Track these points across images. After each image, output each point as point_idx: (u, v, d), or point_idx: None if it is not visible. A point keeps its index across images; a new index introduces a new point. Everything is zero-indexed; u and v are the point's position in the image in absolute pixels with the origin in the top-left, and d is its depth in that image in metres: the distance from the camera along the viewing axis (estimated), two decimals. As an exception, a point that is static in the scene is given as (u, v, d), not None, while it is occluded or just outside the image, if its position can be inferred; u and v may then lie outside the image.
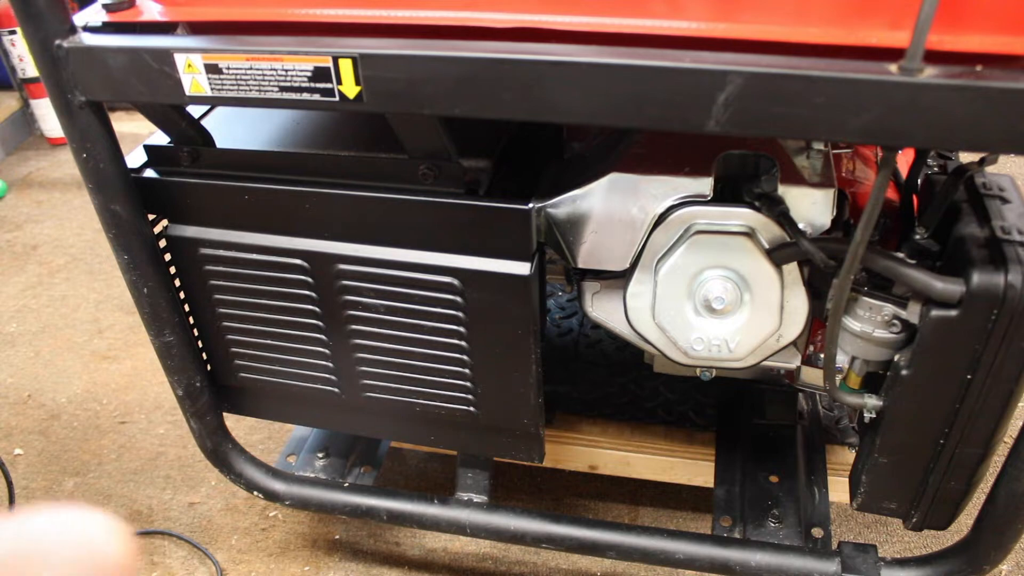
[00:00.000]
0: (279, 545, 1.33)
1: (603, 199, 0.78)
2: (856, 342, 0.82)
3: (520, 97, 0.64)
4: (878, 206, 0.63)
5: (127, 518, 1.39)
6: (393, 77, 0.66)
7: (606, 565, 1.27)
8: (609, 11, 0.65)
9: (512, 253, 0.80)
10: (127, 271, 0.85)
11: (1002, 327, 0.70)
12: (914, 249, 0.77)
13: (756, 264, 0.77)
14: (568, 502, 1.38)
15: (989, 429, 0.78)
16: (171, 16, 0.75)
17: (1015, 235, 0.71)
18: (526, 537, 1.03)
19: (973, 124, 0.56)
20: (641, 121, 0.63)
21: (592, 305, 0.89)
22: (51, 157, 2.59)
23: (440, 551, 1.31)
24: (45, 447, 1.53)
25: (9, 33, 2.47)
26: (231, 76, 0.70)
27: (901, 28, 0.59)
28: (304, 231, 0.84)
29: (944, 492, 0.84)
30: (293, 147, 0.84)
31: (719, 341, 0.82)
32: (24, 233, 2.20)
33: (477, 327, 0.86)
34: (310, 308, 0.89)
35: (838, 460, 1.14)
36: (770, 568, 0.95)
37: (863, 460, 0.87)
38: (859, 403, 0.82)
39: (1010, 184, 0.80)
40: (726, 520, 1.04)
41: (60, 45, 0.71)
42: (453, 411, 0.94)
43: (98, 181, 0.79)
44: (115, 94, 0.73)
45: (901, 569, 0.92)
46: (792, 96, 0.58)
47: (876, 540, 1.30)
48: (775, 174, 0.76)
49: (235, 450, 1.08)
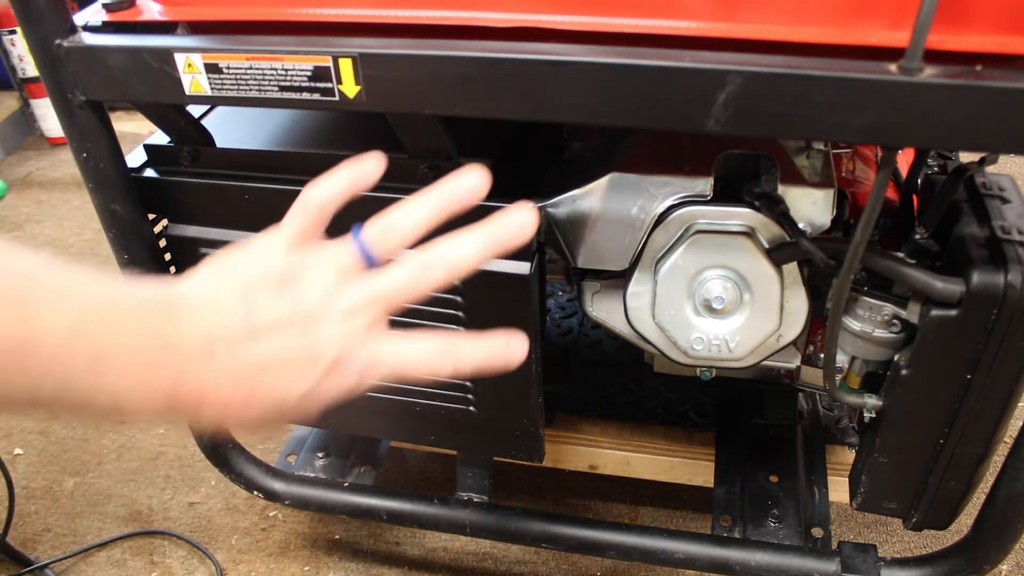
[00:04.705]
0: (279, 545, 1.33)
1: (603, 199, 0.78)
2: (856, 342, 0.82)
3: (520, 97, 0.64)
4: (878, 206, 0.63)
5: (127, 518, 1.39)
6: (393, 77, 0.66)
7: (606, 565, 1.27)
8: (609, 10, 0.65)
9: (512, 253, 0.80)
10: (127, 271, 0.85)
11: (1002, 327, 0.70)
12: (914, 249, 0.77)
13: (756, 264, 0.77)
14: (568, 502, 1.38)
15: (989, 429, 0.78)
16: (171, 16, 0.75)
17: (1015, 235, 0.71)
18: (526, 537, 1.03)
19: (973, 124, 0.56)
20: (641, 121, 0.63)
21: (592, 305, 0.89)
22: (51, 157, 2.59)
23: (440, 551, 1.31)
24: (45, 447, 1.53)
25: (9, 33, 2.47)
26: (231, 76, 0.70)
27: (901, 28, 0.59)
28: (304, 231, 0.84)
29: (944, 492, 0.84)
30: (293, 147, 0.84)
31: (719, 341, 0.82)
32: (24, 233, 2.20)
33: (477, 327, 0.85)
34: (310, 308, 0.89)
35: (838, 460, 1.13)
36: (770, 568, 0.95)
37: (863, 460, 0.87)
38: (859, 403, 0.82)
39: (1010, 184, 0.80)
40: (726, 520, 1.04)
41: (60, 44, 0.71)
42: (453, 411, 0.94)
43: (98, 181, 0.79)
44: (115, 94, 0.73)
45: (901, 569, 0.92)
46: (792, 96, 0.58)
47: (876, 540, 1.30)
48: (775, 174, 0.76)
49: (235, 450, 1.08)
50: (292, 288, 0.48)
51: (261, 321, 0.47)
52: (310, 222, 0.51)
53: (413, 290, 0.50)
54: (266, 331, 0.47)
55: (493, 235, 0.51)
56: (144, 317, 0.45)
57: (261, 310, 0.47)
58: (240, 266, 0.49)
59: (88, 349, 0.42)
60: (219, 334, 0.46)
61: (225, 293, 0.47)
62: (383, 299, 0.49)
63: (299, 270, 0.49)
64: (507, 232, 0.52)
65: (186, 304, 0.47)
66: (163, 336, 0.45)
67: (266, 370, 0.47)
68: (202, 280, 0.48)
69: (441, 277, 0.51)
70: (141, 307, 0.45)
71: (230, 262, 0.49)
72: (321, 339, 0.48)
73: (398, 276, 0.50)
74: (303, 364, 0.47)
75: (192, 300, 0.47)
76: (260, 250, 0.49)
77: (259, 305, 0.47)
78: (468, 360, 0.51)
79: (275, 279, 0.48)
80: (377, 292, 0.49)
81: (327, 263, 0.50)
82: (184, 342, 0.45)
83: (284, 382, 0.47)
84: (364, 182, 0.54)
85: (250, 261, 0.49)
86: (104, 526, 1.37)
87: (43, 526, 1.38)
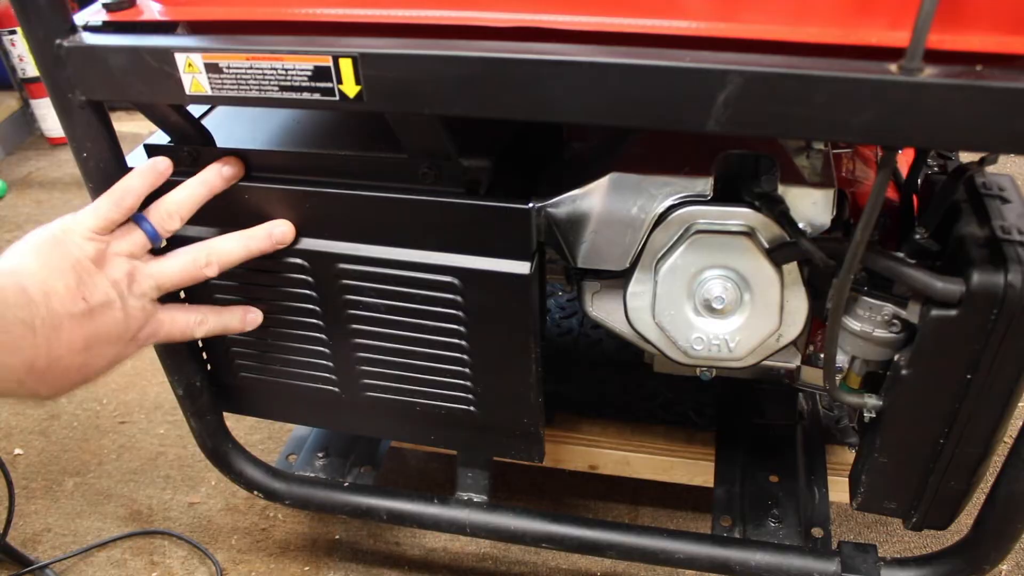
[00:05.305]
0: (279, 545, 1.33)
1: (603, 199, 0.78)
2: (856, 342, 0.82)
3: (520, 97, 0.64)
4: (878, 206, 0.63)
5: (127, 518, 1.39)
6: (393, 77, 0.66)
7: (606, 565, 1.27)
8: (609, 10, 0.65)
9: (512, 253, 0.80)
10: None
11: (1002, 327, 0.70)
12: (914, 249, 0.77)
13: (756, 264, 0.77)
14: (568, 502, 1.38)
15: (989, 429, 0.78)
16: (171, 16, 0.75)
17: (1015, 235, 0.71)
18: (526, 537, 1.03)
19: (973, 124, 0.56)
20: (641, 121, 0.63)
21: (592, 305, 0.89)
22: (51, 157, 2.59)
23: (440, 551, 1.31)
24: (45, 447, 1.53)
25: (9, 33, 2.47)
26: (231, 75, 0.70)
27: (901, 27, 0.59)
28: (304, 230, 0.84)
29: (944, 492, 0.84)
30: (293, 147, 0.84)
31: (719, 341, 0.82)
32: (24, 233, 2.19)
33: (477, 327, 0.86)
34: (310, 307, 0.89)
35: (838, 460, 1.13)
36: (770, 568, 0.95)
37: (863, 460, 0.87)
38: (859, 403, 0.82)
39: (1010, 184, 0.80)
40: (726, 520, 1.04)
41: (60, 44, 0.71)
42: (453, 411, 0.94)
43: (98, 181, 0.79)
44: (115, 94, 0.73)
45: (901, 569, 0.92)
46: (792, 96, 0.58)
47: (876, 540, 1.30)
48: (775, 174, 0.76)
49: (235, 450, 1.08)
50: (104, 270, 0.61)
51: (92, 303, 0.59)
52: (116, 211, 0.65)
53: (189, 275, 0.70)
54: (96, 311, 0.59)
55: (252, 236, 0.74)
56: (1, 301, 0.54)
57: (91, 293, 0.59)
58: (60, 248, 0.61)
59: None
60: (63, 315, 0.57)
61: (60, 275, 0.59)
62: (166, 283, 0.68)
63: (107, 254, 0.62)
64: (264, 238, 0.75)
65: (33, 290, 0.56)
66: (19, 319, 0.54)
67: (97, 343, 0.59)
68: (33, 261, 0.60)
69: (212, 269, 0.72)
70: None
71: (49, 242, 0.62)
72: (130, 315, 0.62)
73: (177, 263, 0.70)
74: (121, 336, 0.61)
75: (36, 281, 0.57)
76: (73, 233, 0.62)
77: (89, 289, 0.59)
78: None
79: (92, 262, 0.60)
80: (160, 275, 0.67)
81: (125, 246, 0.64)
82: (36, 323, 0.54)
83: (109, 352, 0.61)
84: (160, 179, 0.72)
85: (68, 244, 0.61)
86: (104, 526, 1.37)
87: (43, 526, 1.38)
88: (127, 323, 0.61)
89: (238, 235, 0.74)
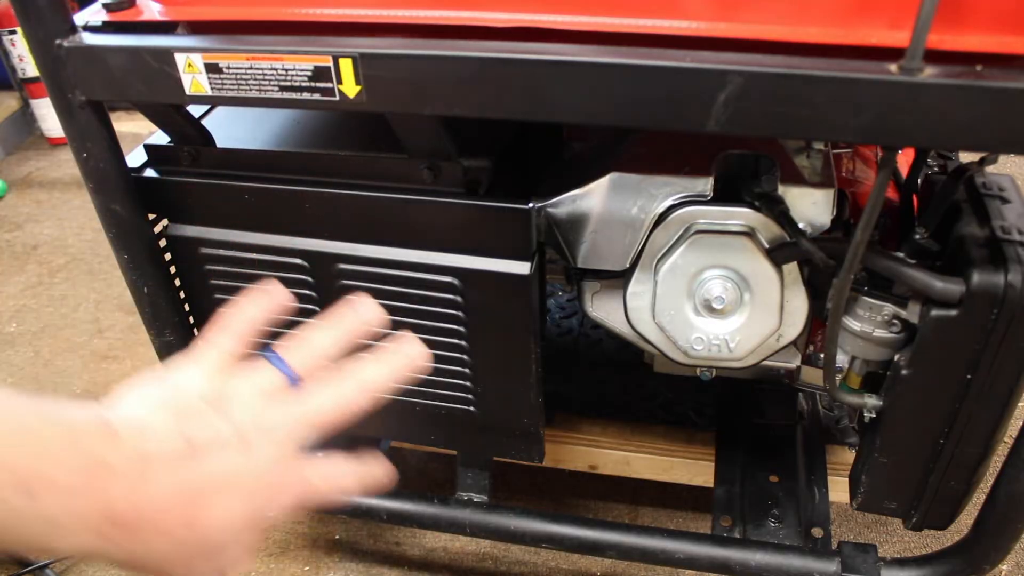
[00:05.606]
0: (279, 545, 1.33)
1: (603, 199, 0.78)
2: (856, 342, 0.82)
3: (520, 97, 0.64)
4: (878, 206, 0.63)
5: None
6: (393, 77, 0.66)
7: (606, 565, 1.27)
8: (609, 10, 0.65)
9: (512, 253, 0.80)
10: (127, 271, 0.85)
11: (1002, 327, 0.70)
12: (914, 249, 0.77)
13: (756, 264, 0.77)
14: (568, 502, 1.38)
15: (989, 429, 0.78)
16: (171, 16, 0.75)
17: (1015, 235, 0.71)
18: (526, 537, 1.03)
19: (973, 124, 0.56)
20: (641, 121, 0.63)
21: (592, 305, 0.89)
22: (51, 157, 2.59)
23: (440, 551, 1.31)
24: (45, 447, 1.53)
25: (9, 33, 2.47)
26: (231, 75, 0.70)
27: (901, 28, 0.59)
28: (304, 230, 0.84)
29: (944, 492, 0.84)
30: (293, 147, 0.84)
31: (719, 341, 0.82)
32: (24, 233, 2.20)
33: (477, 327, 0.86)
34: (310, 307, 0.89)
35: (838, 460, 1.13)
36: (770, 568, 0.95)
37: (863, 460, 0.87)
38: (859, 403, 0.82)
39: (1010, 184, 0.80)
40: (726, 520, 1.04)
41: (60, 44, 0.71)
42: (453, 411, 0.94)
43: (98, 181, 0.79)
44: (115, 94, 0.73)
45: (901, 569, 0.92)
46: (792, 96, 0.58)
47: (876, 540, 1.30)
48: (775, 174, 0.76)
49: (235, 450, 1.08)
50: (223, 411, 0.48)
51: (197, 441, 0.46)
52: (232, 345, 0.52)
53: (336, 411, 0.53)
54: (203, 451, 0.46)
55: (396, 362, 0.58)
56: (78, 436, 0.43)
57: (196, 431, 0.46)
58: (168, 390, 0.48)
59: (20, 468, 0.40)
60: (154, 453, 0.44)
61: (158, 414, 0.46)
62: (309, 422, 0.52)
63: (227, 393, 0.49)
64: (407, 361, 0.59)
65: (119, 424, 0.45)
66: (97, 456, 0.43)
67: (207, 490, 0.45)
68: (132, 403, 0.47)
69: (360, 400, 0.55)
70: (74, 426, 0.44)
71: (156, 387, 0.48)
72: (257, 460, 0.47)
73: (321, 399, 0.53)
74: (243, 484, 0.47)
75: (125, 421, 0.45)
76: (186, 375, 0.49)
77: (193, 426, 0.46)
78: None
79: (205, 402, 0.48)
80: (302, 415, 0.51)
81: (253, 385, 0.50)
82: (119, 461, 0.43)
83: (227, 503, 0.46)
84: (278, 308, 0.56)
85: (177, 386, 0.49)
86: (104, 526, 1.37)
87: (43, 526, 1.37)
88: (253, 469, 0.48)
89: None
